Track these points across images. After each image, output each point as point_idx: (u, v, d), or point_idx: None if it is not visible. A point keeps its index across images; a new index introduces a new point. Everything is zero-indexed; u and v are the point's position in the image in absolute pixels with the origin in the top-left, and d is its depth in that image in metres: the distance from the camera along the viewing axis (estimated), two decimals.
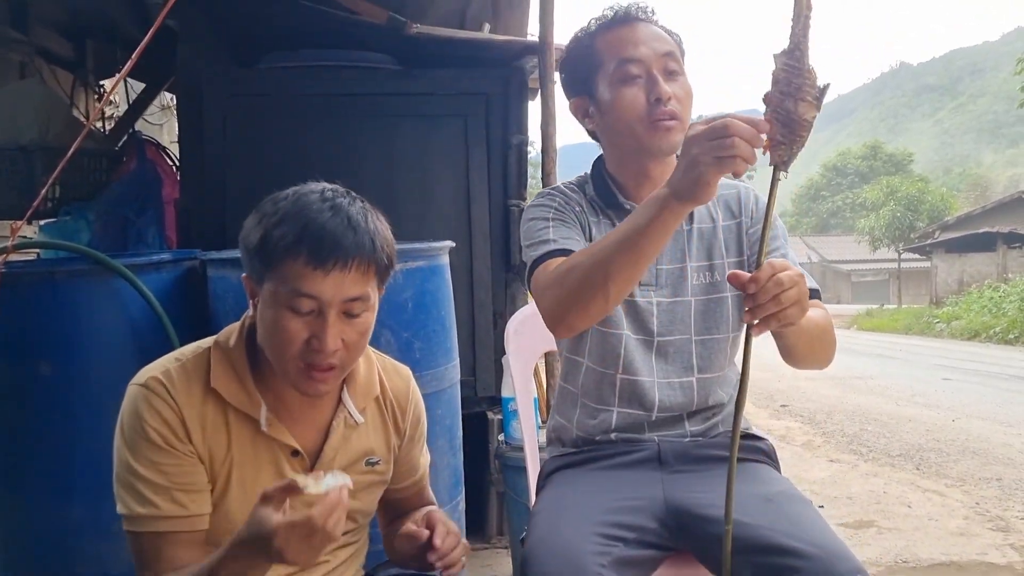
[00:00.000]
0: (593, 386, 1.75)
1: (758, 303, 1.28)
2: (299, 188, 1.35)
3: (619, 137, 1.69)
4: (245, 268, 1.36)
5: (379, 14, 3.15)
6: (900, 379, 9.89)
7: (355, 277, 1.29)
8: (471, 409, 3.45)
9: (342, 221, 1.29)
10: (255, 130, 3.31)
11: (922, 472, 5.20)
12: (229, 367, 1.37)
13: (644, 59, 1.63)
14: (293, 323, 1.28)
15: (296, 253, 1.26)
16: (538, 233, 1.66)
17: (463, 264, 3.42)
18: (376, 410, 1.53)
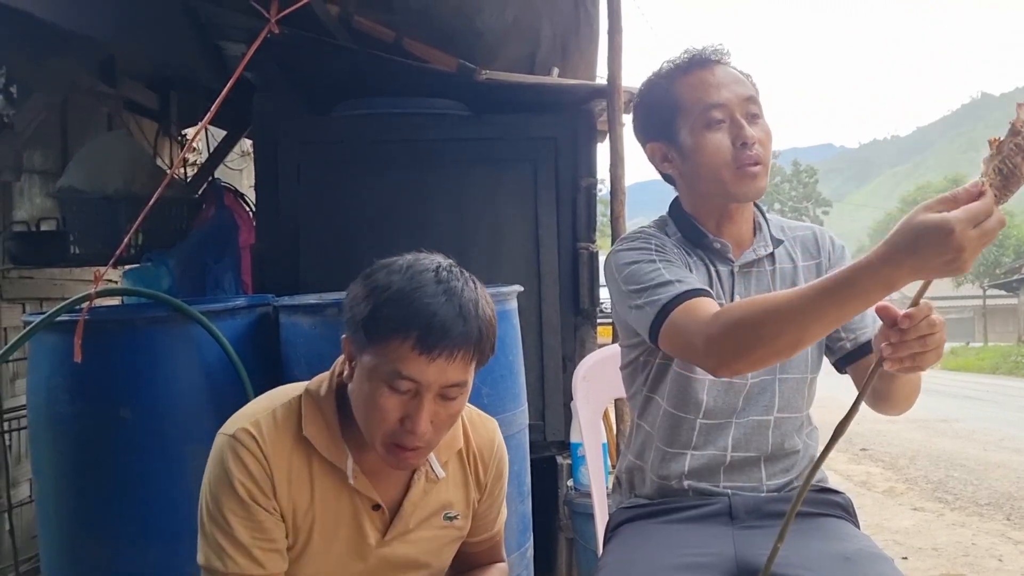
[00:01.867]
0: (668, 429, 1.71)
1: (905, 340, 1.23)
2: (414, 261, 1.33)
3: (703, 183, 1.67)
4: (347, 332, 1.35)
5: (449, 62, 3.20)
6: (988, 422, 9.50)
7: (459, 365, 1.28)
8: (540, 454, 3.42)
9: (454, 308, 1.27)
10: (328, 176, 3.39)
11: (1013, 523, 4.96)
12: (319, 416, 1.38)
13: (728, 104, 1.62)
14: (389, 400, 1.28)
15: (404, 336, 1.25)
16: (651, 276, 1.58)
17: (532, 308, 3.42)
18: (458, 463, 1.52)
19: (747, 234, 1.74)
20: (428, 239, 3.34)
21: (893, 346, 1.24)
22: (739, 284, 1.70)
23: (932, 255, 1.14)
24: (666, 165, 1.73)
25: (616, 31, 3.32)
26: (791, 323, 1.31)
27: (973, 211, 1.12)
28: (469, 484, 1.53)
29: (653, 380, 1.73)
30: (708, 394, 1.67)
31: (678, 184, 1.76)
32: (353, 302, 1.32)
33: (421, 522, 1.46)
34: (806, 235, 1.80)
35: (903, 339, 1.23)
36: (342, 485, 1.38)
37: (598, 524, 2.08)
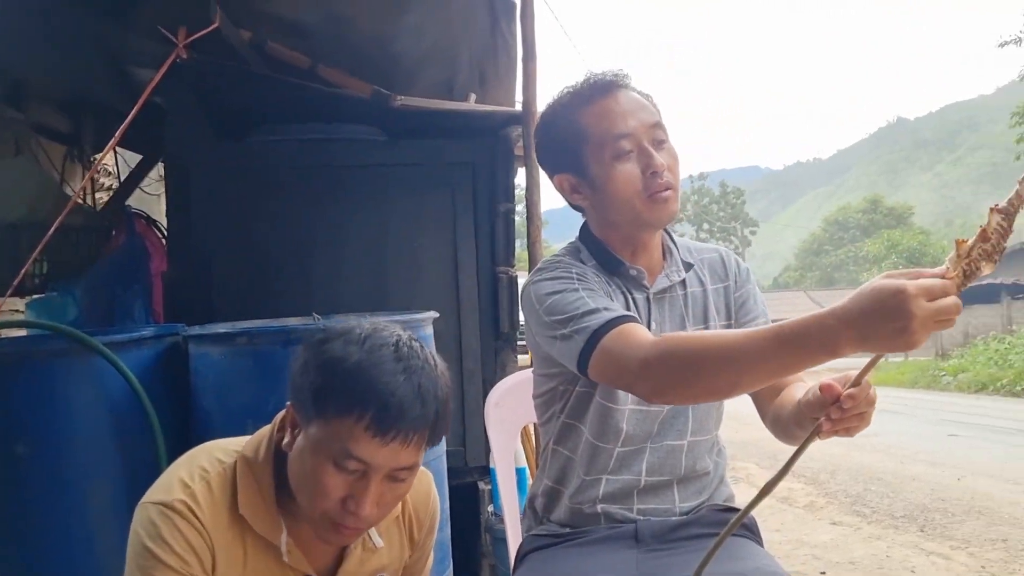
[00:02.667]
0: (589, 457, 1.70)
1: (845, 416, 1.28)
2: (372, 333, 1.25)
3: (615, 213, 1.65)
4: (291, 397, 1.27)
5: (364, 88, 3.20)
6: (905, 436, 9.77)
7: (412, 449, 1.22)
8: (462, 479, 3.41)
9: (413, 389, 1.20)
10: (242, 203, 3.34)
11: (926, 534, 5.11)
12: (255, 489, 1.29)
13: (634, 132, 1.60)
14: (334, 479, 1.20)
15: (359, 416, 1.17)
16: (576, 304, 1.54)
17: (451, 333, 3.42)
18: (394, 527, 1.47)
19: (658, 260, 1.74)
20: (345, 266, 3.36)
21: (833, 421, 1.28)
22: (655, 310, 1.71)
23: (884, 319, 1.11)
24: (576, 196, 1.71)
25: (530, 58, 3.36)
26: (733, 364, 1.31)
27: (930, 285, 1.11)
28: (403, 543, 1.49)
29: (573, 409, 1.72)
30: (628, 422, 1.67)
31: (588, 213, 1.75)
32: (303, 369, 1.24)
33: None
34: (713, 258, 1.82)
35: (844, 415, 1.28)
36: (276, 561, 1.31)
37: (511, 550, 2.07)
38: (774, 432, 1.66)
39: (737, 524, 1.34)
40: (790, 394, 1.61)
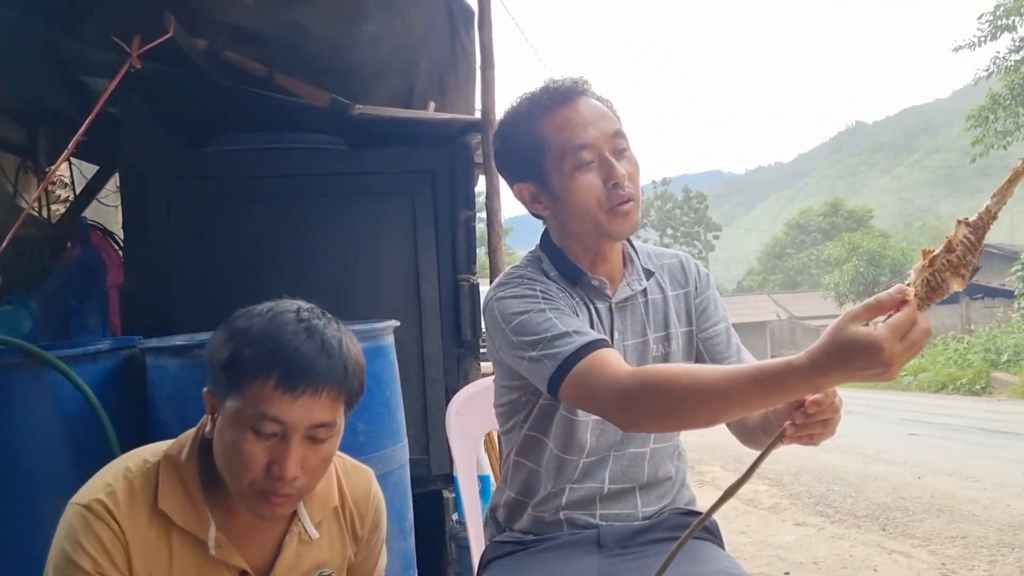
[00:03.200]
0: (556, 470, 1.70)
1: (809, 422, 1.29)
2: (274, 305, 1.32)
3: (576, 223, 1.64)
4: (208, 382, 1.31)
5: (322, 97, 3.18)
6: (867, 436, 9.90)
7: (324, 403, 1.25)
8: (426, 488, 3.40)
9: (316, 345, 1.26)
10: (200, 213, 3.31)
11: (888, 533, 5.18)
12: (179, 485, 1.31)
13: (595, 143, 1.59)
14: (254, 446, 1.24)
15: (267, 375, 1.23)
16: (545, 327, 1.53)
17: (414, 341, 3.41)
18: (333, 520, 1.47)
19: (619, 268, 1.74)
20: (306, 275, 3.34)
21: (797, 426, 1.30)
22: (617, 320, 1.71)
23: (862, 368, 1.13)
24: (536, 206, 1.69)
25: (488, 66, 3.37)
26: (713, 403, 1.31)
27: (898, 325, 1.11)
28: (345, 539, 1.48)
29: (536, 421, 1.71)
30: (591, 434, 1.67)
31: (549, 222, 1.74)
32: (214, 349, 1.29)
33: None
34: (673, 264, 1.82)
35: (807, 421, 1.29)
36: (204, 556, 1.31)
37: (474, 558, 2.07)
38: (739, 437, 1.67)
39: (699, 527, 1.35)
40: None
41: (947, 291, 1.17)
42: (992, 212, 1.17)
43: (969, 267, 1.16)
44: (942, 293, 1.17)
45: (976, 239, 1.16)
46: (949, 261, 1.16)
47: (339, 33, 3.30)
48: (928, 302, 1.17)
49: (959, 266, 1.15)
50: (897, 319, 1.12)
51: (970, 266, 1.16)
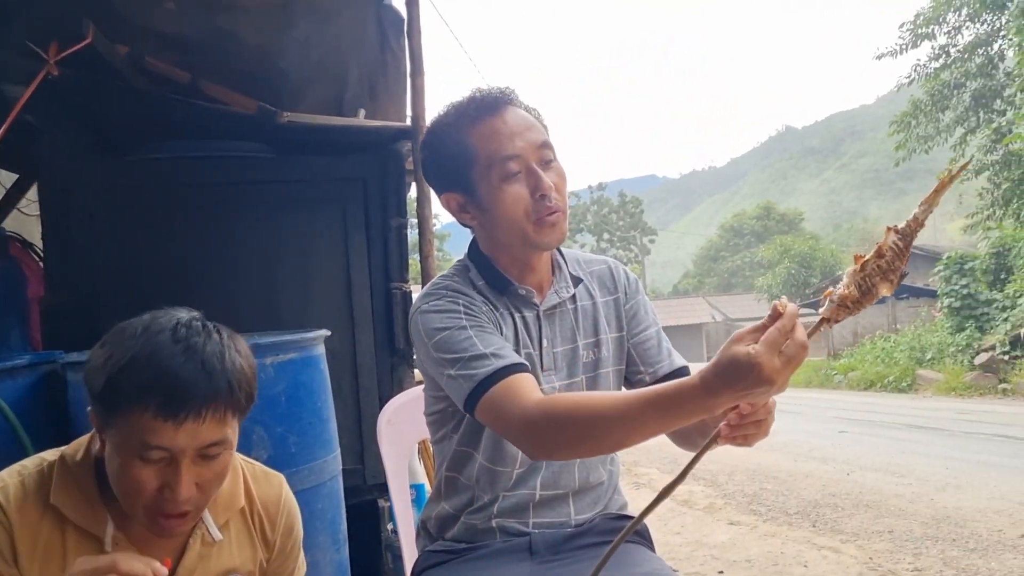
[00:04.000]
0: (487, 481, 1.70)
1: (743, 422, 1.30)
2: (149, 322, 1.25)
3: (503, 234, 1.64)
4: (90, 404, 1.26)
5: (249, 104, 3.14)
6: (799, 434, 10.12)
7: (210, 425, 1.22)
8: (361, 498, 3.37)
9: (196, 366, 1.21)
10: (125, 224, 3.23)
11: (818, 529, 5.30)
12: (73, 483, 1.29)
13: (522, 153, 1.58)
14: (143, 472, 1.20)
15: (144, 405, 1.18)
16: (464, 345, 1.54)
17: (346, 350, 3.38)
18: (241, 523, 1.45)
19: (547, 276, 1.75)
20: (235, 286, 3.29)
21: (731, 427, 1.30)
22: (545, 327, 1.71)
23: (746, 387, 1.16)
24: (464, 216, 1.69)
25: (418, 73, 3.36)
26: (615, 429, 1.33)
27: (771, 340, 1.15)
28: (255, 543, 1.46)
29: (466, 435, 1.71)
30: None
31: (477, 232, 1.74)
32: (90, 374, 1.23)
33: None
34: (602, 270, 1.84)
35: (742, 422, 1.30)
36: (101, 553, 1.29)
37: (406, 567, 2.06)
38: (675, 441, 1.69)
39: (632, 530, 1.37)
40: None
41: (877, 295, 1.21)
42: (920, 220, 1.21)
43: (898, 272, 1.21)
44: (872, 298, 1.21)
45: (904, 245, 1.21)
46: (879, 266, 1.20)
47: (266, 40, 3.26)
48: (860, 306, 1.21)
49: (888, 271, 1.20)
50: (769, 335, 1.15)
51: (898, 271, 1.21)
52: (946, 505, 5.73)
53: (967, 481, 6.55)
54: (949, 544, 4.73)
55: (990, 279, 17.21)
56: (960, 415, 11.42)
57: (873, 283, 1.20)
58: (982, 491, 6.14)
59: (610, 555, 1.34)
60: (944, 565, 4.34)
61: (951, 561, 4.40)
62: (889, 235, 1.21)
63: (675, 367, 1.77)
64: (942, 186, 1.20)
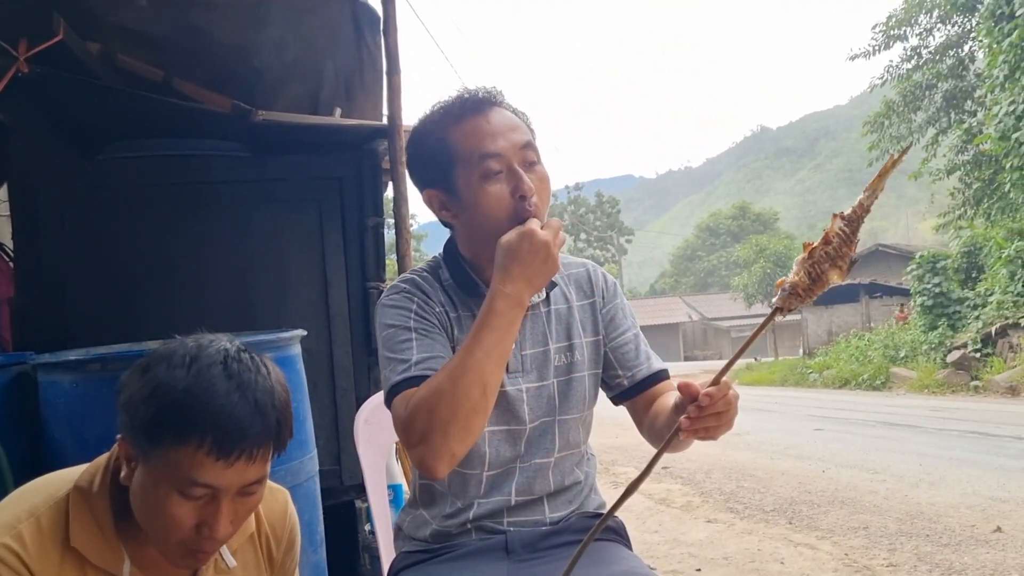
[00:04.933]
0: (459, 486, 1.69)
1: (702, 415, 1.31)
2: (198, 353, 1.20)
3: (482, 233, 1.62)
4: (124, 431, 1.20)
5: (223, 103, 3.11)
6: (775, 432, 10.19)
7: (259, 464, 1.20)
8: (338, 499, 3.35)
9: (249, 405, 1.17)
10: (97, 222, 3.20)
11: (794, 526, 5.33)
12: (90, 520, 1.24)
13: (504, 153, 1.57)
14: (181, 508, 1.17)
15: (199, 442, 1.14)
16: (400, 347, 1.56)
17: (323, 350, 3.36)
18: (250, 546, 1.44)
19: None
20: (210, 286, 3.26)
21: (692, 419, 1.32)
22: None
23: (530, 257, 1.43)
24: (445, 213, 1.68)
25: (394, 71, 3.35)
26: (469, 374, 1.39)
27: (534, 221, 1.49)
28: (261, 566, 1.46)
29: None
30: (490, 445, 1.66)
31: (456, 230, 1.72)
32: (131, 401, 1.18)
33: None
34: (580, 273, 1.82)
35: (701, 414, 1.31)
36: None
37: (384, 567, 2.05)
38: (651, 441, 1.69)
39: (602, 526, 1.36)
40: (664, 403, 1.65)
41: (827, 282, 1.23)
42: (864, 205, 1.22)
43: (846, 259, 1.22)
44: (823, 285, 1.23)
45: (851, 231, 1.22)
46: (827, 253, 1.21)
47: (240, 37, 3.23)
48: (811, 293, 1.22)
49: (836, 257, 1.21)
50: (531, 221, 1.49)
51: (846, 258, 1.22)
52: (920, 501, 5.78)
53: (941, 477, 6.61)
54: (923, 540, 4.77)
55: (962, 278, 17.44)
56: (933, 412, 11.54)
57: (822, 270, 1.21)
58: (955, 487, 6.20)
59: (581, 552, 1.35)
60: (918, 560, 4.38)
61: (925, 556, 4.44)
62: (835, 222, 1.23)
63: (653, 370, 1.76)
64: (884, 172, 1.22)
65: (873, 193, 1.22)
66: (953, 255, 17.75)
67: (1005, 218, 17.12)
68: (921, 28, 21.71)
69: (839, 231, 1.22)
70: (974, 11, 19.05)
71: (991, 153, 17.44)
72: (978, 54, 20.03)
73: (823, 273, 1.22)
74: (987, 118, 16.66)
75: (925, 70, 21.64)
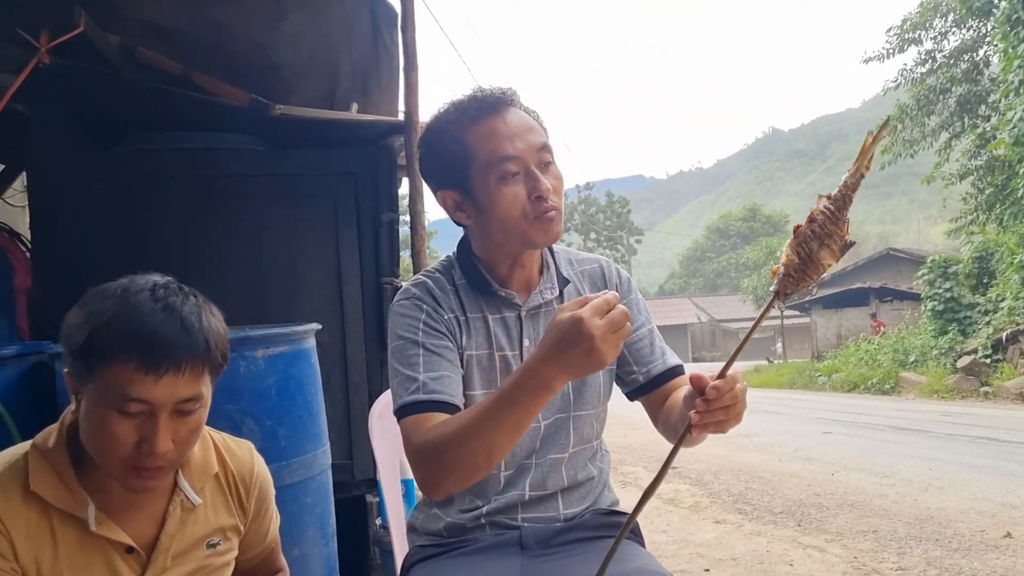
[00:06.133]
0: (476, 486, 1.67)
1: (711, 408, 1.31)
2: (128, 283, 1.30)
3: (498, 234, 1.63)
4: (67, 365, 1.30)
5: (241, 96, 3.12)
6: (784, 435, 10.17)
7: (188, 379, 1.26)
8: (349, 493, 3.36)
9: (175, 324, 1.25)
10: (114, 215, 3.22)
11: (803, 528, 5.32)
12: (48, 469, 1.31)
13: (521, 155, 1.57)
14: (121, 426, 1.23)
15: (126, 359, 1.21)
16: (408, 361, 1.58)
17: (336, 345, 3.37)
18: (216, 487, 1.49)
19: (535, 275, 1.74)
20: (225, 279, 3.27)
21: (701, 413, 1.32)
22: (527, 327, 1.70)
23: (572, 346, 1.26)
24: (460, 214, 1.68)
25: (411, 68, 3.35)
26: (477, 439, 1.38)
27: (596, 303, 1.26)
28: (232, 509, 1.51)
29: None
30: None
31: (471, 231, 1.73)
32: (69, 332, 1.27)
33: (182, 555, 1.42)
34: (593, 269, 1.82)
35: (709, 408, 1.31)
36: (86, 534, 1.32)
37: (397, 564, 2.05)
38: (666, 436, 1.70)
39: (627, 529, 1.37)
40: (678, 398, 1.66)
41: (820, 264, 1.23)
42: (848, 184, 1.23)
43: (835, 238, 1.22)
44: (816, 265, 1.23)
45: (836, 209, 1.22)
46: (812, 231, 1.22)
47: (259, 32, 3.25)
48: (805, 275, 1.23)
49: (823, 236, 1.21)
50: (596, 300, 1.27)
51: (835, 236, 1.22)
52: (929, 506, 5.76)
53: (950, 482, 6.59)
54: (932, 544, 4.76)
55: (973, 283, 17.35)
56: (943, 417, 11.50)
57: (811, 248, 1.22)
58: (965, 492, 6.18)
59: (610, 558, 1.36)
60: (928, 565, 4.37)
61: (934, 561, 4.43)
62: (820, 201, 1.23)
63: (668, 366, 1.76)
64: (865, 150, 1.22)
65: (857, 170, 1.23)
66: (965, 260, 17.66)
67: (1018, 224, 17.02)
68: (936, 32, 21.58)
69: (824, 209, 1.22)
70: (990, 15, 18.94)
71: (1004, 158, 17.34)
72: (993, 59, 19.91)
73: (813, 253, 1.22)
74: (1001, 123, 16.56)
75: (939, 74, 21.52)
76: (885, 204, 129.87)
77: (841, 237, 1.22)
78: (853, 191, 1.23)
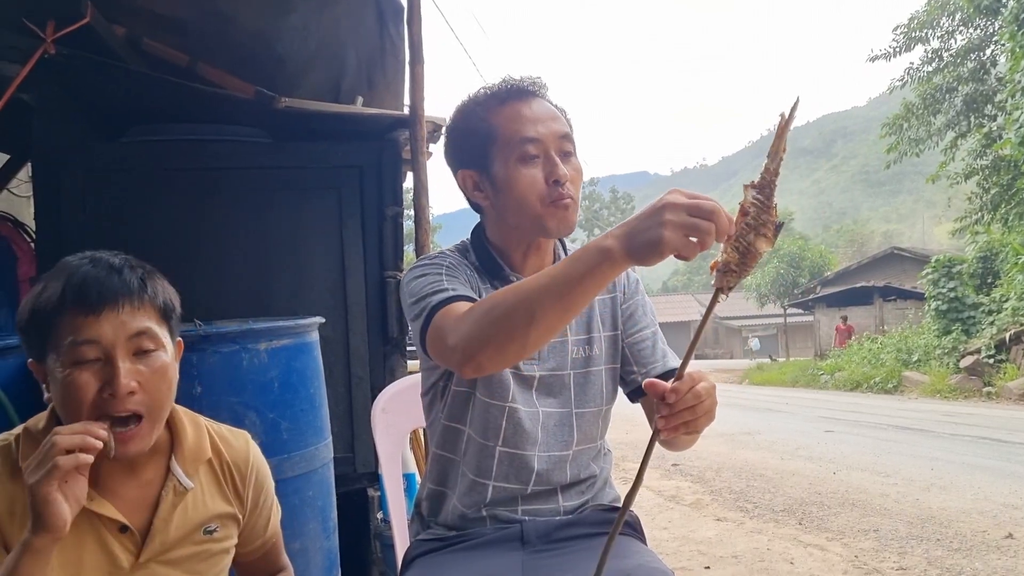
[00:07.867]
0: (474, 457, 1.71)
1: (674, 412, 1.30)
2: (65, 267, 1.36)
3: (514, 216, 1.66)
4: (27, 355, 1.34)
5: (246, 88, 3.12)
6: (786, 433, 10.17)
7: (130, 312, 1.30)
8: (351, 486, 3.37)
9: (103, 268, 1.31)
10: (118, 205, 3.21)
11: (804, 527, 5.32)
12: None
13: (543, 139, 1.61)
14: (82, 376, 1.26)
15: (62, 308, 1.26)
16: (431, 285, 1.58)
17: (339, 338, 3.37)
18: (210, 473, 1.50)
19: (548, 264, 1.75)
20: (228, 271, 3.27)
21: (665, 418, 1.31)
22: None
23: (645, 217, 1.20)
24: (477, 194, 1.71)
25: (417, 62, 3.34)
26: (520, 294, 1.32)
27: (689, 191, 1.22)
28: (228, 496, 1.52)
29: (452, 408, 1.72)
30: (507, 420, 1.68)
31: (487, 213, 1.75)
32: (19, 319, 1.33)
33: (179, 540, 1.43)
34: None
35: (672, 411, 1.30)
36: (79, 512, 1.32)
37: (398, 557, 2.06)
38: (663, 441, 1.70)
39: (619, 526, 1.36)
40: None
41: (757, 253, 1.23)
42: (771, 169, 1.23)
43: (768, 226, 1.22)
44: (754, 256, 1.23)
45: (765, 197, 1.22)
46: (747, 224, 1.22)
47: (265, 24, 3.24)
48: (745, 268, 1.22)
49: (758, 226, 1.21)
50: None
51: (769, 224, 1.22)
52: (931, 505, 5.76)
53: (952, 482, 6.59)
54: (934, 544, 4.76)
55: (977, 283, 17.32)
56: (945, 417, 11.49)
57: (748, 241, 1.22)
58: (967, 492, 6.18)
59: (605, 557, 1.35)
60: (929, 564, 4.37)
61: (936, 560, 4.42)
62: (748, 192, 1.23)
63: (668, 368, 1.77)
64: (781, 131, 1.22)
65: (776, 154, 1.23)
66: (969, 260, 17.63)
67: (1022, 224, 16.99)
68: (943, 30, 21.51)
69: (754, 200, 1.22)
70: (997, 14, 18.87)
71: (1010, 158, 17.29)
72: (1000, 58, 19.85)
73: (750, 244, 1.22)
74: (1007, 123, 16.51)
75: (946, 73, 21.45)
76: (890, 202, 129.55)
77: (773, 223, 1.22)
78: (775, 176, 1.24)
